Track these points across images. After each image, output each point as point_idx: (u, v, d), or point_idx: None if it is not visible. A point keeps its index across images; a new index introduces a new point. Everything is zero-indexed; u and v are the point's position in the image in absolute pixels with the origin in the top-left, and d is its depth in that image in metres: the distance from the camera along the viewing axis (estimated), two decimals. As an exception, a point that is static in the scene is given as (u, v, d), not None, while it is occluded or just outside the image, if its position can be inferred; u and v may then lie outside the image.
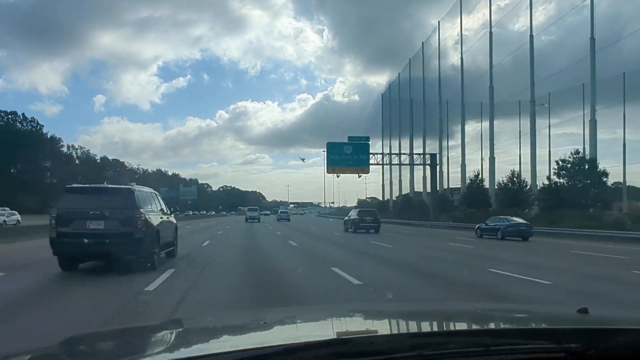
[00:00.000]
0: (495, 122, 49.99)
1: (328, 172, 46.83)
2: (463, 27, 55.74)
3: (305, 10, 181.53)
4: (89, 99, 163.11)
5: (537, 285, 9.28)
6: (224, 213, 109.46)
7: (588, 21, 37.81)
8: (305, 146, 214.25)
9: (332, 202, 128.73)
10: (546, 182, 37.77)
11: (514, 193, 39.01)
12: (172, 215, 13.66)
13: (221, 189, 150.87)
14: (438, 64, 59.27)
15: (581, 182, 33.38)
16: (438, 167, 53.39)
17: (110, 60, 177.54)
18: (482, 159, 51.80)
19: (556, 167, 34.89)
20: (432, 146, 59.86)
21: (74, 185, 12.72)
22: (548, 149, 44.24)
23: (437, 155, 51.22)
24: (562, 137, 56.03)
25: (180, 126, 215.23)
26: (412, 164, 53.88)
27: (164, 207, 12.61)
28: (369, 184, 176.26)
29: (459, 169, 56.74)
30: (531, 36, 44.26)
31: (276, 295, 7.94)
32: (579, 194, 32.81)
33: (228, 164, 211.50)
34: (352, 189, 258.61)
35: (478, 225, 28.33)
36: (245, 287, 8.92)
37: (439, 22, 60.41)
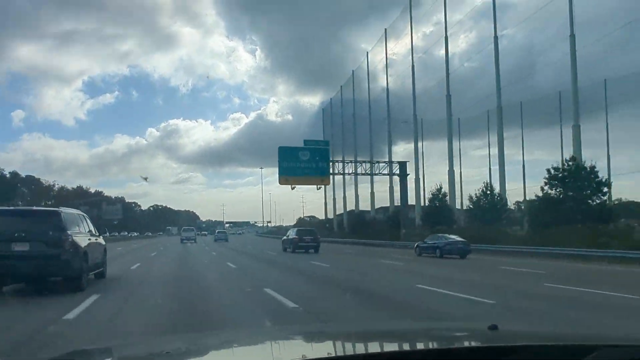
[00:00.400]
0: (428, 143, 52.11)
1: (281, 182, 39.58)
2: (397, 51, 57.82)
3: (237, 29, 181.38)
4: (6, 114, 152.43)
5: (465, 301, 9.76)
6: (149, 234, 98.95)
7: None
8: (239, 165, 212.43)
9: (269, 221, 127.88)
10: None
11: (484, 210, 35.63)
12: (101, 237, 13.76)
13: (151, 208, 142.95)
14: (386, 84, 58.43)
15: (578, 193, 28.17)
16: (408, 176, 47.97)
17: (30, 73, 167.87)
18: (419, 178, 51.99)
19: (547, 176, 29.70)
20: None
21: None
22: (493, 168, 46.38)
23: (407, 163, 45.65)
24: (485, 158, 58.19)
25: (107, 144, 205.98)
26: (372, 174, 47.06)
27: (92, 228, 12.63)
28: (308, 203, 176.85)
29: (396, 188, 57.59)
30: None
31: (204, 320, 7.63)
32: (577, 207, 27.70)
33: (159, 183, 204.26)
34: (289, 207, 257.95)
35: (417, 243, 28.40)
36: (173, 312, 8.49)
37: (385, 40, 61.10)
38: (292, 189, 41.01)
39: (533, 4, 37.59)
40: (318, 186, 42.02)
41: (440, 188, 42.01)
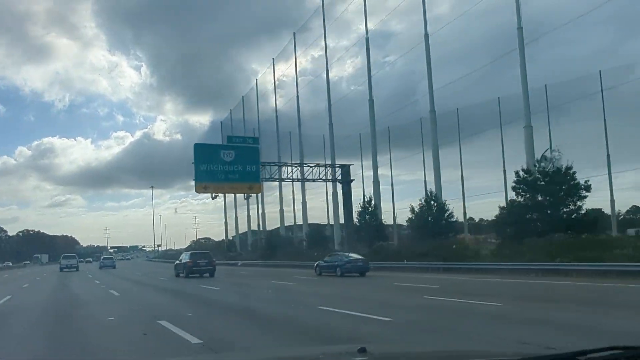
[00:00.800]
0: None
1: (198, 190, 32.99)
2: (287, 74, 58.54)
3: (120, 44, 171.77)
4: None
5: (364, 319, 9.84)
6: (9, 264, 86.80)
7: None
8: (124, 186, 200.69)
9: (159, 245, 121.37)
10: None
11: (430, 223, 32.52)
12: None
13: (20, 234, 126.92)
14: (275, 106, 58.66)
15: (554, 199, 24.87)
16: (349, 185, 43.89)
17: None
18: (306, 202, 52.15)
19: (515, 180, 26.37)
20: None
21: None
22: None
23: (350, 167, 40.12)
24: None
25: None
26: (303, 179, 40.20)
27: None
28: (202, 224, 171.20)
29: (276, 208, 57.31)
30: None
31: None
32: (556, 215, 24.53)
33: (32, 207, 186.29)
34: (180, 230, 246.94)
35: (317, 262, 28.18)
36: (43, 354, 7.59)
37: (274, 66, 62.05)
38: (213, 198, 35.21)
39: (416, 32, 39.82)
40: (246, 195, 37.22)
41: (370, 200, 38.12)
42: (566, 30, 33.01)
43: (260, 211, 61.31)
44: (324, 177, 39.05)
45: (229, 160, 31.99)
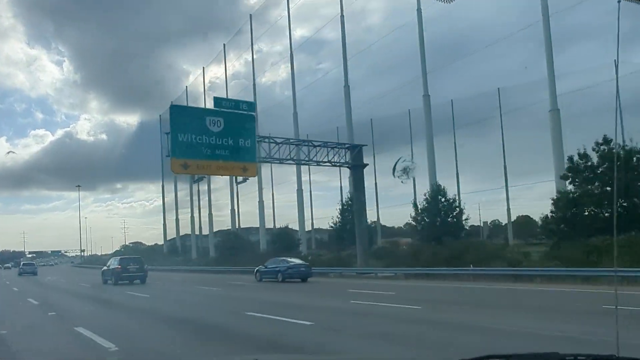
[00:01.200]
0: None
1: (174, 169, 23.97)
2: (219, 75, 57.92)
3: (40, 37, 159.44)
4: None
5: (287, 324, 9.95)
6: None
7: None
8: (43, 188, 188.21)
9: (83, 250, 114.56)
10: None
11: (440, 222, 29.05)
12: None
13: None
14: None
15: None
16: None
17: None
18: (262, 201, 51.73)
19: (568, 165, 22.61)
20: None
21: None
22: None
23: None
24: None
25: None
26: (308, 162, 29.42)
27: None
28: (131, 229, 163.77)
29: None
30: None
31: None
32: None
33: None
34: (107, 235, 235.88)
35: (257, 268, 27.58)
36: None
37: (204, 72, 61.29)
38: (195, 181, 28.08)
39: (351, 40, 41.03)
40: (238, 179, 28.08)
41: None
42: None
43: (233, 207, 55.50)
44: (332, 161, 28.78)
45: (217, 131, 23.54)
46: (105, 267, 30.13)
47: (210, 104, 35.92)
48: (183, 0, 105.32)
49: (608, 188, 20.65)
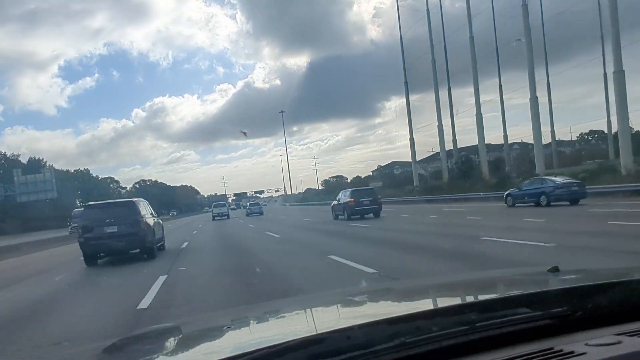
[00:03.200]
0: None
1: None
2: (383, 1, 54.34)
3: None
4: None
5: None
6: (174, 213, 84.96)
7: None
8: (231, 138, 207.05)
9: (277, 190, 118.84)
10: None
11: None
12: (159, 218, 17.52)
13: (137, 186, 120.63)
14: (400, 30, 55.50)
15: None
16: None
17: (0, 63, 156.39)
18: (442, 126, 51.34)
19: None
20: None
21: (91, 202, 16.47)
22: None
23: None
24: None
25: (93, 130, 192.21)
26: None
27: (152, 212, 16.34)
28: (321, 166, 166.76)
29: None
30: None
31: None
32: None
33: (152, 165, 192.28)
34: (295, 176, 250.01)
35: (508, 191, 24.95)
36: (234, 285, 8.87)
37: None
38: None
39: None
40: None
41: None
42: None
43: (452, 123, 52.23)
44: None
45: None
46: (335, 202, 29.00)
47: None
48: None
49: None
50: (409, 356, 1.17)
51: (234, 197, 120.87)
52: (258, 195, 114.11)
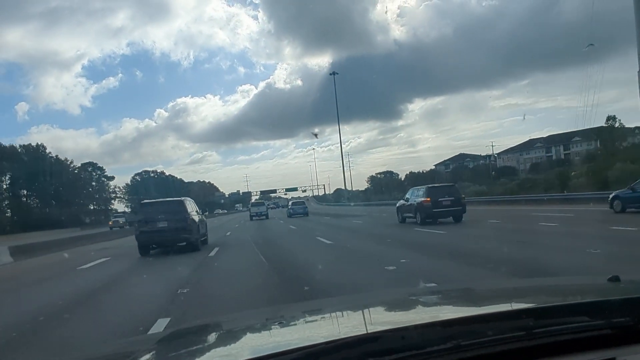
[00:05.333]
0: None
1: None
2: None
3: None
4: (9, 107, 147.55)
5: None
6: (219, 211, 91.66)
7: None
8: (252, 139, 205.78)
9: (304, 190, 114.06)
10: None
11: None
12: (203, 215, 19.78)
13: (138, 178, 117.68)
14: None
15: None
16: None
17: (25, 62, 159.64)
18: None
19: None
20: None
21: (146, 200, 19.20)
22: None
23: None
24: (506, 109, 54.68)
25: (116, 129, 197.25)
26: None
27: (197, 209, 18.42)
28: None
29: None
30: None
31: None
32: None
33: (174, 165, 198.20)
34: (320, 178, 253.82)
35: (615, 193, 20.20)
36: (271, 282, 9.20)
37: None
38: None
39: None
40: None
41: None
42: None
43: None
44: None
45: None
46: (402, 202, 24.07)
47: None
48: None
49: None
50: (462, 359, 1.19)
51: (257, 196, 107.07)
52: (288, 193, 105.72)
